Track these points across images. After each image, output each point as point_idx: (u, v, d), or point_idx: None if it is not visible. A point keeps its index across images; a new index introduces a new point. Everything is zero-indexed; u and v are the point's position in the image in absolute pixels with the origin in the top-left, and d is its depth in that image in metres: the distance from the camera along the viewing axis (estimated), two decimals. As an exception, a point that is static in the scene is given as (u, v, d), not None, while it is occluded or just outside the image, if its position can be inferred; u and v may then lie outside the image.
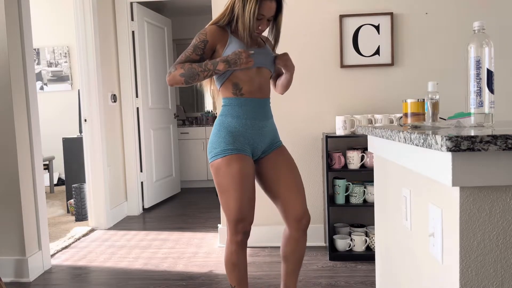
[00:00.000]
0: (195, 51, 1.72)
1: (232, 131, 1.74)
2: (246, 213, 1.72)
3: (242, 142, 1.74)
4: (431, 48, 2.92)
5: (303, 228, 1.82)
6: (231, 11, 1.74)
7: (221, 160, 1.71)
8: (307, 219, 1.82)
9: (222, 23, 1.76)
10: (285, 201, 1.80)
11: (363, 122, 2.74)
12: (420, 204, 1.12)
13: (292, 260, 1.88)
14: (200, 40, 1.72)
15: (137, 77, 4.20)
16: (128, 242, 3.30)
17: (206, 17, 5.97)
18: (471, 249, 0.87)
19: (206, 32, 1.74)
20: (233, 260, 1.77)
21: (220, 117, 1.78)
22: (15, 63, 2.56)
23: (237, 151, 1.72)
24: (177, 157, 5.17)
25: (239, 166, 1.69)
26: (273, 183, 1.82)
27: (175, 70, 1.69)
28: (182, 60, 1.72)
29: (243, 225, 1.73)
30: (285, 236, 1.88)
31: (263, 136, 1.80)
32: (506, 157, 0.84)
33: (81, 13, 3.56)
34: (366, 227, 2.90)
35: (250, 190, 1.72)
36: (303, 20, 2.97)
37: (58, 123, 5.76)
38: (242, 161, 1.71)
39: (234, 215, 1.71)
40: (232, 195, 1.69)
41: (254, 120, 1.76)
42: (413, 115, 1.48)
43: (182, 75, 1.68)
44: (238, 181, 1.69)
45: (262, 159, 1.84)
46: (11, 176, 2.54)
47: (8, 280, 2.58)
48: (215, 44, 1.74)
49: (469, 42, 1.16)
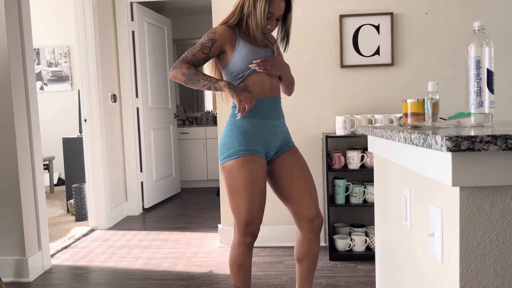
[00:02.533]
0: (202, 50, 1.71)
1: (245, 132, 1.71)
2: (256, 215, 1.70)
3: (256, 142, 1.72)
4: (431, 48, 2.92)
5: (315, 230, 1.79)
6: (240, 10, 1.72)
7: (234, 161, 1.68)
8: (320, 220, 1.79)
9: (232, 23, 1.74)
10: (297, 202, 1.77)
11: (363, 122, 2.74)
12: (420, 204, 1.12)
13: (307, 262, 1.84)
14: (209, 39, 1.71)
15: (137, 77, 4.20)
16: (128, 242, 3.30)
17: (206, 17, 5.97)
18: (471, 249, 0.87)
19: (215, 31, 1.72)
20: (240, 262, 1.75)
21: (231, 118, 1.75)
22: (15, 63, 2.56)
23: (251, 152, 1.69)
24: (177, 157, 5.17)
25: (252, 168, 1.67)
26: (285, 184, 1.79)
27: (180, 67, 1.69)
28: (189, 57, 1.71)
29: (253, 227, 1.71)
30: (298, 238, 1.85)
31: (276, 136, 1.78)
32: (506, 157, 0.84)
33: (81, 13, 3.56)
34: (366, 227, 2.90)
35: (261, 192, 1.70)
36: (303, 20, 2.97)
37: (58, 123, 5.76)
38: (255, 163, 1.69)
39: (244, 218, 1.69)
40: (243, 197, 1.67)
41: (266, 119, 1.74)
42: (413, 115, 1.48)
43: (184, 75, 1.68)
44: (250, 184, 1.67)
45: (275, 160, 1.81)
46: (11, 176, 2.54)
47: (8, 280, 2.58)
48: (223, 44, 1.72)
49: (469, 42, 1.16)
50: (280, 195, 1.83)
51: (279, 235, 3.04)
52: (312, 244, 1.80)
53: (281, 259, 2.81)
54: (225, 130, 1.76)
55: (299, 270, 1.87)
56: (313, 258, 1.84)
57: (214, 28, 1.74)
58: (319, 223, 1.79)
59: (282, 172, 1.79)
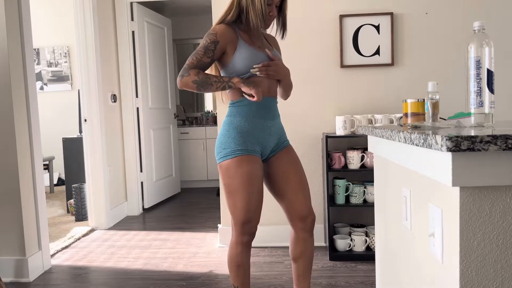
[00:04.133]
0: (206, 54, 1.68)
1: (242, 131, 1.72)
2: (254, 214, 1.71)
3: (252, 142, 1.72)
4: (431, 48, 2.92)
5: (308, 228, 1.80)
6: (237, 4, 1.70)
7: (231, 161, 1.69)
8: (312, 218, 1.80)
9: (230, 19, 1.72)
10: (291, 200, 1.79)
11: (363, 122, 2.74)
12: (420, 204, 1.12)
13: (303, 261, 1.85)
14: (211, 41, 1.68)
15: (137, 77, 4.20)
16: (128, 242, 3.30)
17: (206, 17, 5.97)
18: (471, 249, 0.87)
19: (216, 32, 1.69)
20: (238, 261, 1.75)
21: (228, 117, 1.76)
22: (15, 63, 2.56)
23: (247, 152, 1.70)
24: (177, 157, 5.17)
25: (249, 167, 1.68)
26: (280, 183, 1.80)
27: (188, 75, 1.66)
28: (194, 63, 1.68)
29: (250, 226, 1.72)
30: (292, 238, 1.86)
31: (271, 136, 1.78)
32: (506, 157, 0.84)
33: (81, 13, 3.56)
34: (366, 227, 2.90)
35: (258, 191, 1.71)
36: (303, 20, 2.97)
37: (58, 123, 5.76)
38: (252, 162, 1.70)
39: (242, 217, 1.70)
40: (240, 196, 1.68)
41: (263, 119, 1.74)
42: (413, 115, 1.48)
43: (195, 82, 1.65)
44: (248, 183, 1.68)
45: (271, 159, 1.82)
46: (11, 176, 2.54)
47: (8, 280, 2.58)
48: (225, 45, 1.70)
49: (469, 42, 1.16)
50: (274, 193, 1.85)
51: (279, 235, 3.04)
52: (306, 242, 1.82)
53: (281, 259, 2.81)
54: (222, 129, 1.76)
55: (296, 269, 1.88)
56: (309, 256, 1.85)
57: (214, 29, 1.71)
58: (311, 220, 1.80)
59: (277, 171, 1.80)
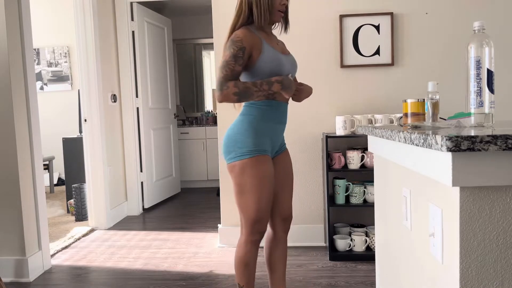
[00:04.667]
0: (237, 62, 1.65)
1: (259, 132, 1.73)
2: (265, 213, 1.74)
3: (266, 143, 1.74)
4: (431, 48, 2.92)
5: (287, 228, 1.91)
6: (246, 3, 1.71)
7: (248, 160, 1.69)
8: (290, 220, 1.92)
9: (243, 21, 1.72)
10: (281, 201, 1.87)
11: (363, 122, 2.74)
12: (420, 204, 1.12)
13: (280, 265, 1.93)
14: (238, 48, 1.65)
15: (137, 77, 4.20)
16: (128, 242, 3.30)
17: (206, 17, 5.97)
18: (471, 249, 0.87)
19: (241, 38, 1.66)
20: (246, 260, 1.77)
21: (245, 116, 1.74)
22: (15, 63, 2.56)
23: (264, 152, 1.73)
24: (177, 157, 5.17)
25: (264, 167, 1.71)
26: (275, 183, 1.86)
27: (227, 88, 1.62)
28: (229, 75, 1.65)
29: (261, 225, 1.74)
30: (270, 241, 1.92)
31: (279, 138, 1.83)
32: (506, 157, 0.84)
33: (81, 13, 3.56)
34: (366, 227, 2.90)
35: (270, 191, 1.74)
36: (303, 20, 2.97)
37: (58, 123, 5.77)
38: (267, 162, 1.73)
39: (254, 216, 1.72)
40: (254, 195, 1.70)
41: (278, 123, 1.78)
42: (413, 115, 1.48)
43: (236, 94, 1.63)
44: (262, 182, 1.70)
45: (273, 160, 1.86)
46: (11, 176, 2.54)
47: (8, 280, 2.58)
48: (251, 49, 1.68)
49: (469, 42, 1.16)
50: None
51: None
52: (284, 243, 1.93)
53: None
54: (238, 128, 1.73)
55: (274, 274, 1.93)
56: (285, 258, 1.95)
57: (237, 35, 1.67)
58: (289, 223, 1.92)
59: (276, 171, 1.86)
